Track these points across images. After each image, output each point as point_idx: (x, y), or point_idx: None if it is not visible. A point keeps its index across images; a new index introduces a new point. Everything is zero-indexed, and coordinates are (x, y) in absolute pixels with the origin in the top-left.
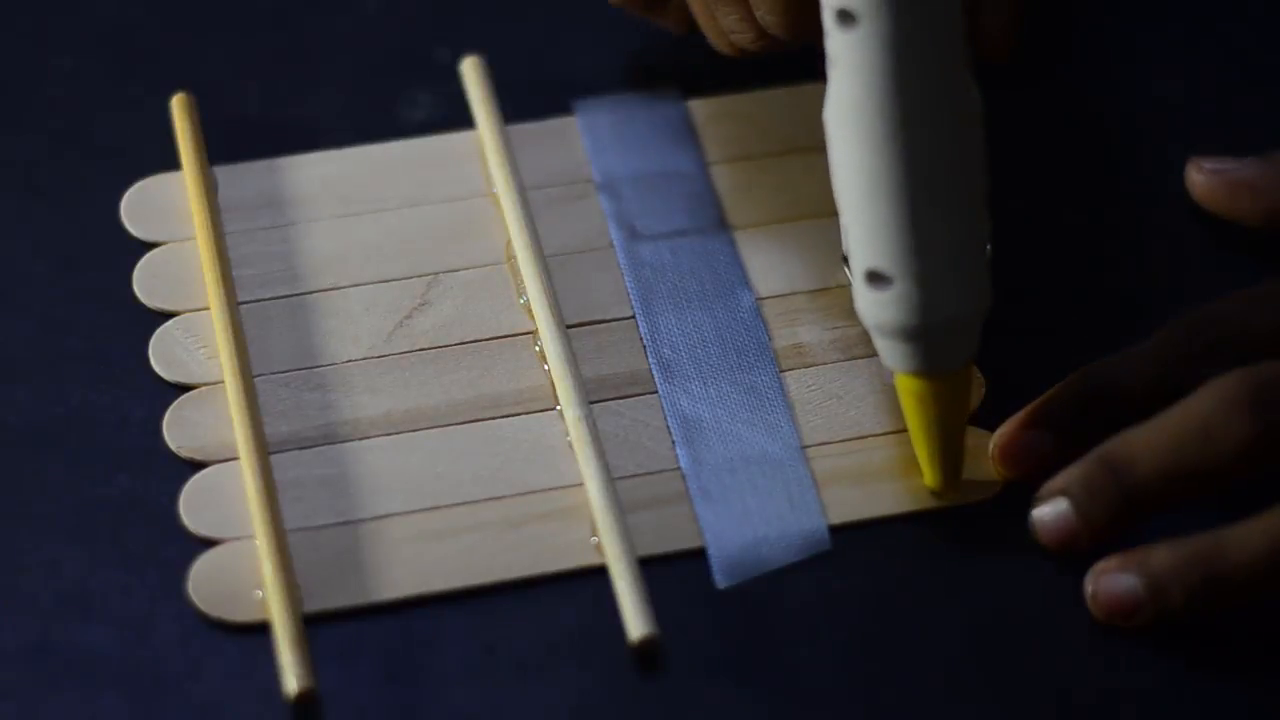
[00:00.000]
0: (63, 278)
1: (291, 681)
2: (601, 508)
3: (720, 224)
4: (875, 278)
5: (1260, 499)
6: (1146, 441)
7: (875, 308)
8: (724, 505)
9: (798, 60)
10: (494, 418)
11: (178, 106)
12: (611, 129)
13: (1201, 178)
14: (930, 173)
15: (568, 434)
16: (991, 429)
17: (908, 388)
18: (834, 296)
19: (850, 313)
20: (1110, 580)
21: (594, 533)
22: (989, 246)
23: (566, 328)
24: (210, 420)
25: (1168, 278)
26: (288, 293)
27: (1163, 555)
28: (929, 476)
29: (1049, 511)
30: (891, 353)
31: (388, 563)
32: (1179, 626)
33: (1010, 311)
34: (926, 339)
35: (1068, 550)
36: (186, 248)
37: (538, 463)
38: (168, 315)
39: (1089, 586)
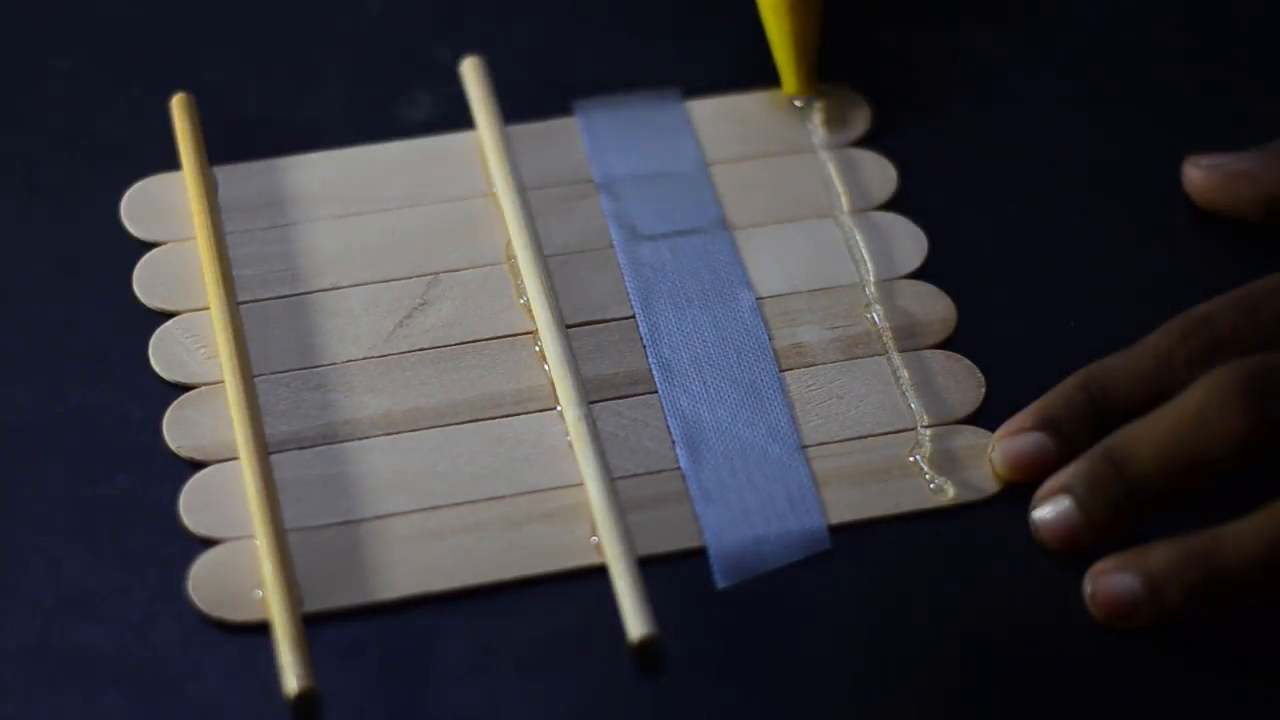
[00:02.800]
0: (63, 278)
1: (291, 681)
2: (601, 508)
3: (720, 224)
4: None
5: (1256, 495)
6: (1145, 436)
7: None
8: (724, 505)
9: None
10: (494, 418)
11: (178, 106)
12: (611, 129)
13: (1199, 173)
14: None
15: (568, 434)
16: (991, 429)
17: (767, 1)
18: (834, 296)
19: (850, 312)
20: (1108, 580)
21: (594, 533)
22: None
23: (566, 328)
24: (210, 420)
25: (1167, 277)
26: (288, 293)
27: (1160, 554)
28: (788, 84)
29: (1050, 511)
30: None
31: (388, 563)
32: (1178, 627)
33: (1008, 310)
34: None
35: (1070, 549)
36: (186, 248)
37: (538, 463)
38: (168, 315)
39: (1087, 587)
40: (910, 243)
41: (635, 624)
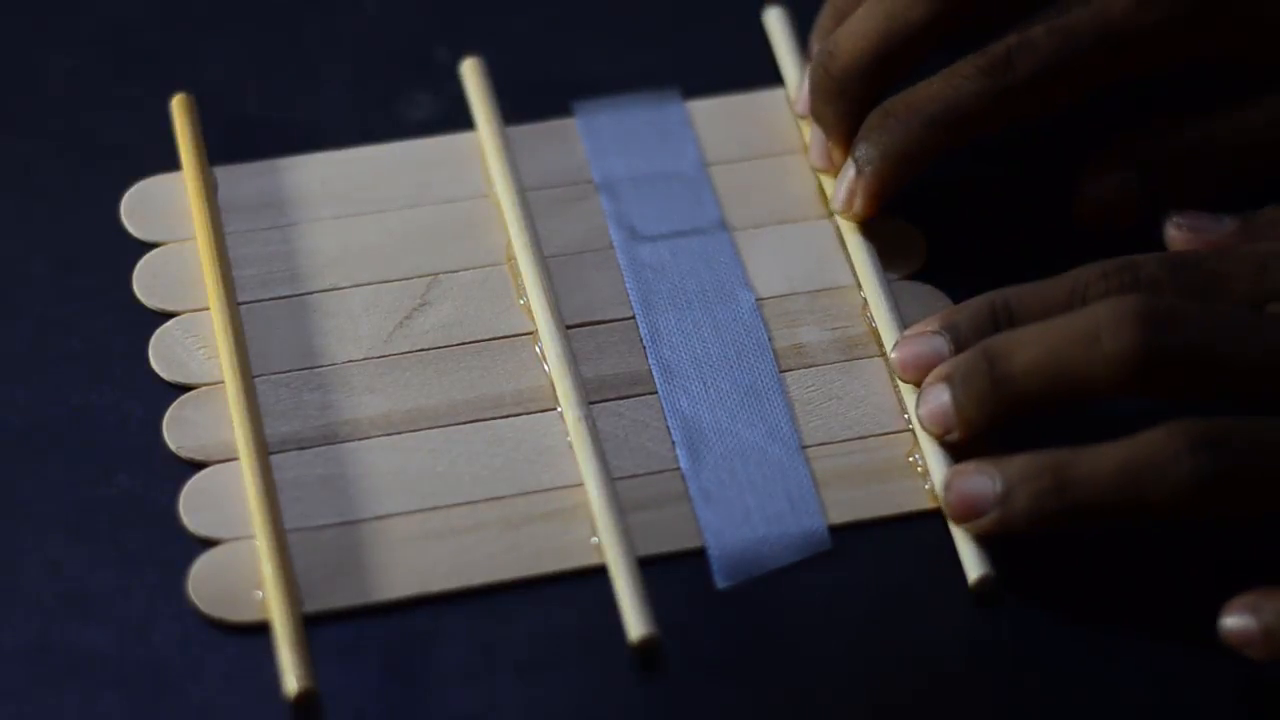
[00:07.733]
0: (62, 278)
1: (291, 681)
2: (601, 508)
3: (720, 224)
4: None
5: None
6: (1030, 338)
7: None
8: (724, 505)
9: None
10: (494, 418)
11: (178, 106)
12: (611, 129)
13: (1179, 235)
14: None
15: (568, 434)
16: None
17: None
18: (834, 296)
19: (850, 313)
20: (965, 479)
21: (594, 533)
22: None
23: (566, 328)
24: (210, 420)
25: None
26: (288, 293)
27: (1018, 460)
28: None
29: (930, 397)
30: None
31: (388, 563)
32: (1178, 626)
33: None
34: None
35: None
36: (186, 248)
37: (538, 463)
38: (168, 315)
39: (946, 482)
40: (910, 243)
41: (635, 624)
